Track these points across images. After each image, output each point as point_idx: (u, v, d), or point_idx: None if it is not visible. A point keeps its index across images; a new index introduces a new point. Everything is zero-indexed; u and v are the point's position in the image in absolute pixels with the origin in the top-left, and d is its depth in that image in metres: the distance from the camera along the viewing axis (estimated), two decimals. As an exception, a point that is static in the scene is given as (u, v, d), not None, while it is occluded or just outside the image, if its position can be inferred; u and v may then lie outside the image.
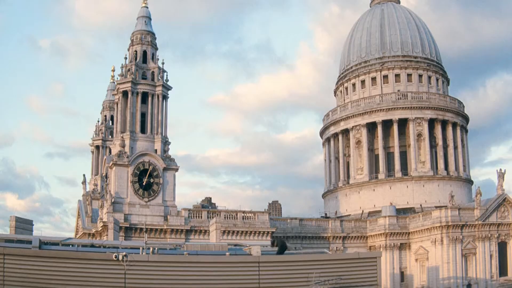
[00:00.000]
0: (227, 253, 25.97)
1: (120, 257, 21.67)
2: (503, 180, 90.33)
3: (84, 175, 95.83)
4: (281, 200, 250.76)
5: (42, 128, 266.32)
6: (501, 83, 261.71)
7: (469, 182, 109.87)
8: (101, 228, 69.52)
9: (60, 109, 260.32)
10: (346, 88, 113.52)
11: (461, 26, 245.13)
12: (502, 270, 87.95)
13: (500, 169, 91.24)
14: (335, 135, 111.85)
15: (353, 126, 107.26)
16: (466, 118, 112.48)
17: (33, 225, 50.33)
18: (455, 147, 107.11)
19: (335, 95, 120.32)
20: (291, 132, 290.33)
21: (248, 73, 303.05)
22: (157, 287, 21.76)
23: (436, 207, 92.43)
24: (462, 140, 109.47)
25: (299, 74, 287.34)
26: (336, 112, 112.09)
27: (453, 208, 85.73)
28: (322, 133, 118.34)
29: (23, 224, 47.90)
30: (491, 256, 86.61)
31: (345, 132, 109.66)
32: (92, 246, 28.81)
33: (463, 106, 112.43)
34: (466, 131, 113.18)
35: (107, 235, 64.25)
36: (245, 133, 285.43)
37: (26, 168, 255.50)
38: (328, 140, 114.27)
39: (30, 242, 25.11)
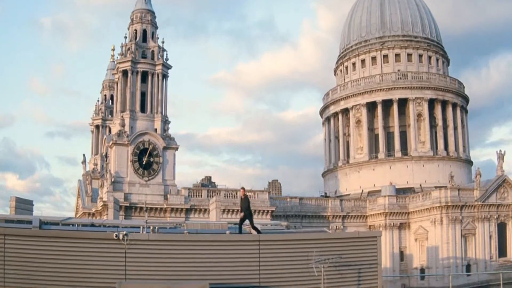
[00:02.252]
0: (228, 232, 25.99)
1: (121, 236, 21.68)
2: (503, 161, 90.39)
3: (84, 154, 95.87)
4: (282, 179, 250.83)
5: (43, 108, 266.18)
6: (504, 64, 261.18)
7: (469, 162, 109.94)
8: (101, 207, 69.66)
9: (61, 89, 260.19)
10: (346, 68, 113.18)
11: (465, 5, 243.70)
12: (502, 251, 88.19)
13: (500, 151, 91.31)
14: (335, 115, 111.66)
15: (353, 106, 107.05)
16: (466, 99, 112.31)
17: (33, 205, 50.27)
18: (455, 128, 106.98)
19: (335, 74, 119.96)
20: (293, 110, 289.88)
21: (250, 51, 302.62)
22: (157, 265, 21.79)
23: (436, 187, 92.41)
24: (462, 121, 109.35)
25: (302, 52, 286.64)
26: (336, 91, 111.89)
27: (452, 189, 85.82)
28: (322, 112, 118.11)
29: (23, 205, 47.84)
30: (490, 237, 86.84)
31: (345, 111, 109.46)
32: (92, 225, 28.87)
33: (463, 87, 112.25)
34: (466, 111, 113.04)
35: (107, 214, 64.33)
36: (247, 111, 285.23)
37: (26, 148, 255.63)
38: (328, 119, 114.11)
39: (30, 222, 25.15)
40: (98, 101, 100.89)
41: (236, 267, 23.00)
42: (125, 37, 74.86)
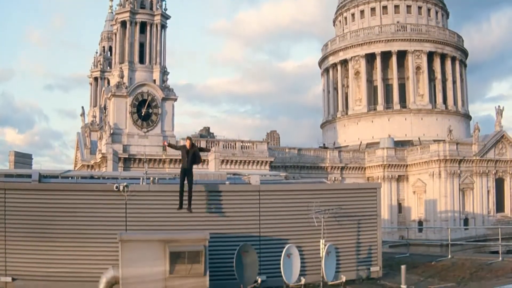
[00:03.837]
0: (227, 182, 25.98)
1: (121, 188, 21.67)
2: (501, 117, 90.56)
3: (82, 107, 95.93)
4: (281, 130, 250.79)
5: (42, 61, 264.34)
6: (506, 18, 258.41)
7: (468, 117, 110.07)
8: (100, 159, 69.75)
9: (60, 40, 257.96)
10: (346, 18, 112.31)
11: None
12: (499, 206, 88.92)
13: (499, 106, 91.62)
14: (334, 66, 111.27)
15: (352, 57, 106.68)
16: (465, 53, 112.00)
17: (32, 159, 50.42)
18: (454, 82, 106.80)
19: (334, 25, 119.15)
20: (293, 60, 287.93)
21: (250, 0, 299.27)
22: (158, 216, 21.85)
23: (434, 140, 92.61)
24: (461, 75, 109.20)
25: (302, 0, 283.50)
26: (335, 42, 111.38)
27: (451, 143, 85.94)
28: (321, 63, 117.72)
29: (22, 159, 47.95)
30: (488, 192, 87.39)
31: (344, 62, 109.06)
32: (92, 177, 28.76)
33: (462, 41, 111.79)
34: (465, 65, 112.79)
35: (106, 166, 64.52)
36: (247, 61, 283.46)
37: (25, 101, 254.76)
38: (327, 70, 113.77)
39: (29, 176, 25.05)
40: (96, 53, 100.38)
41: (236, 217, 23.08)
42: (124, -13, 74.15)
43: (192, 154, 21.82)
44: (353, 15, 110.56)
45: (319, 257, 22.49)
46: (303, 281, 22.16)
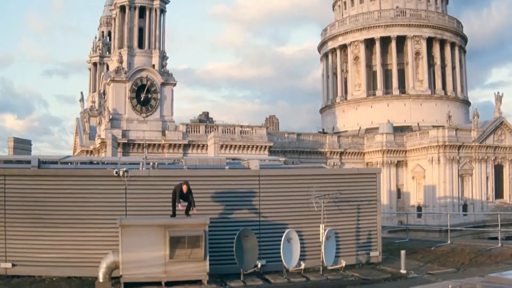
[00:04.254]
0: (226, 167, 25.99)
1: (121, 173, 21.66)
2: (501, 103, 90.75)
3: (82, 92, 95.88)
4: (281, 115, 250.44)
5: (41, 46, 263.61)
6: (506, 4, 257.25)
7: (467, 103, 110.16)
8: (99, 144, 69.81)
9: (59, 26, 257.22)
10: (345, 3, 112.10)
11: None
12: (498, 193, 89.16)
13: (498, 92, 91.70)
14: (333, 51, 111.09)
15: (351, 42, 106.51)
16: (464, 39, 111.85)
17: (31, 145, 50.25)
18: (453, 68, 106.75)
19: (333, 9, 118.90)
20: (292, 45, 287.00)
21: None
22: (157, 201, 21.85)
23: (433, 126, 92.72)
24: (460, 61, 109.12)
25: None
26: (334, 27, 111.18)
27: (450, 128, 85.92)
28: (320, 48, 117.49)
29: (22, 145, 47.80)
30: (487, 178, 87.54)
31: (343, 47, 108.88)
32: (91, 163, 28.78)
33: (462, 26, 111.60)
34: (465, 51, 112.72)
35: (105, 151, 64.53)
36: (246, 45, 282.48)
37: (25, 87, 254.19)
38: (326, 55, 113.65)
39: (29, 162, 25.06)
40: (95, 38, 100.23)
41: (236, 202, 23.09)
42: (122, -28, 73.89)
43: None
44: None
45: (319, 242, 22.53)
46: (303, 265, 22.21)
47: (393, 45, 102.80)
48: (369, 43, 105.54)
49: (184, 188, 20.65)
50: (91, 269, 20.47)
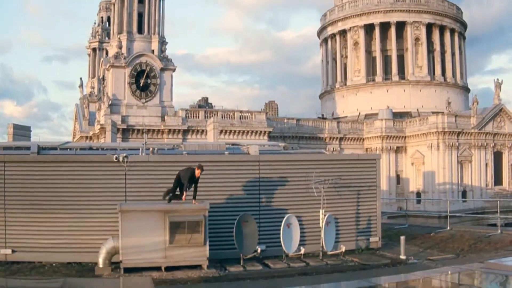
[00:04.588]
0: (226, 153, 25.97)
1: (121, 158, 21.65)
2: (500, 90, 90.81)
3: (81, 78, 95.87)
4: (280, 100, 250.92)
5: (40, 32, 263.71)
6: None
7: (466, 89, 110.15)
8: (98, 130, 69.77)
9: (58, 11, 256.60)
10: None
11: None
12: (497, 180, 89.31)
13: (497, 79, 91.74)
14: (333, 36, 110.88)
15: (350, 27, 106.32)
16: (464, 25, 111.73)
17: (31, 131, 50.26)
18: (453, 54, 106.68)
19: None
20: (292, 30, 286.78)
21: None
22: (158, 186, 21.83)
23: (433, 112, 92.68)
24: (460, 47, 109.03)
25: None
26: (334, 12, 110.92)
27: (449, 115, 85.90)
28: (319, 33, 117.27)
29: (21, 131, 47.82)
30: (486, 164, 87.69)
31: (343, 33, 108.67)
32: (91, 148, 28.74)
33: (462, 12, 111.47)
34: (464, 38, 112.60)
35: (104, 137, 64.57)
36: (246, 30, 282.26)
37: (24, 74, 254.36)
38: (325, 40, 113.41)
39: (28, 148, 25.03)
40: (95, 23, 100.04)
41: (236, 187, 23.09)
42: (121, -44, 73.63)
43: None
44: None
45: (319, 227, 22.55)
46: (302, 250, 22.22)
47: (392, 30, 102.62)
48: (369, 29, 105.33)
49: (197, 172, 20.34)
50: (91, 255, 20.47)
